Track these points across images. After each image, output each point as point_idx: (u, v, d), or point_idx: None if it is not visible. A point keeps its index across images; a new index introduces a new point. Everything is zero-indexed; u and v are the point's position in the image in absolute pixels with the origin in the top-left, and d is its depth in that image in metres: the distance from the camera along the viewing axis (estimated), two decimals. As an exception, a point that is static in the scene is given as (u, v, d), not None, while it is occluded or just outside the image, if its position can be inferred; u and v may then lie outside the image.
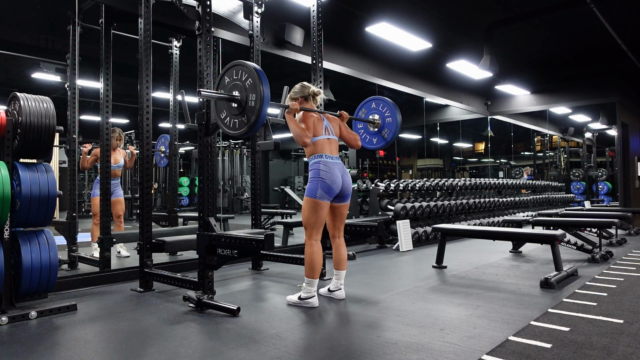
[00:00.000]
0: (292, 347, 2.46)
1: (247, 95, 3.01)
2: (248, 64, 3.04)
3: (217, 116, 3.27)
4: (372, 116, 4.21)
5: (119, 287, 4.01)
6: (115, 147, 5.57)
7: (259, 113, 2.93)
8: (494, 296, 3.54)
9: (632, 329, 2.73)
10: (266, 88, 2.93)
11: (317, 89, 3.58)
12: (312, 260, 3.29)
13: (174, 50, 6.18)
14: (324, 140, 3.41)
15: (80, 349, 2.46)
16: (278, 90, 4.71)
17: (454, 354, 2.33)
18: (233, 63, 3.14)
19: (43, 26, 7.11)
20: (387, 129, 4.12)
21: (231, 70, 3.14)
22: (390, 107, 4.10)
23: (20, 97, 3.03)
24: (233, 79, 3.12)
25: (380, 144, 4.22)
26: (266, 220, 8.27)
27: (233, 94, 3.09)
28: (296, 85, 3.57)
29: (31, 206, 2.99)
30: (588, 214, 6.88)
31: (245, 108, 3.03)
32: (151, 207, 4.02)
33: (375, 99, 4.21)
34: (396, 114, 4.06)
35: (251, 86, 2.99)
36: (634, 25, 7.82)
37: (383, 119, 4.15)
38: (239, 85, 3.06)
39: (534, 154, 15.39)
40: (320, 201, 3.29)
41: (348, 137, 3.69)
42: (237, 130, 3.12)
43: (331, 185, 3.29)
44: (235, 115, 3.12)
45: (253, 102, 2.97)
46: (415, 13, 6.90)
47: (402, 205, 6.57)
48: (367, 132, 4.29)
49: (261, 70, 3.00)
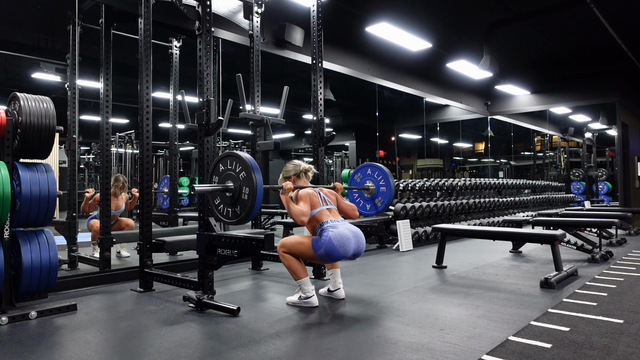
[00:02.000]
0: (292, 347, 2.46)
1: (241, 187, 3.02)
2: (242, 155, 3.03)
3: (211, 201, 3.27)
4: (366, 183, 4.28)
5: (119, 287, 4.01)
6: (118, 195, 5.58)
7: (252, 207, 2.94)
8: (494, 296, 3.54)
9: (632, 329, 2.73)
10: (259, 180, 2.93)
11: (309, 166, 3.61)
12: (291, 265, 3.28)
13: (174, 50, 6.19)
14: (324, 210, 3.37)
15: (80, 349, 2.46)
16: (278, 90, 4.72)
17: (454, 354, 2.33)
18: (227, 153, 3.14)
19: (43, 26, 7.11)
20: (381, 198, 4.20)
21: (225, 159, 3.14)
22: (384, 174, 4.19)
23: (20, 97, 3.03)
24: (227, 168, 3.12)
25: (372, 212, 4.36)
26: (266, 220, 8.27)
27: (227, 184, 3.09)
28: (287, 164, 3.60)
29: (31, 206, 2.99)
30: (588, 214, 6.88)
31: (238, 200, 3.04)
32: (151, 207, 4.02)
33: (371, 166, 4.31)
34: (390, 181, 4.14)
35: (245, 179, 2.99)
36: (634, 25, 7.82)
37: (377, 187, 4.22)
38: (233, 176, 3.07)
39: (534, 154, 15.39)
40: (317, 259, 3.25)
41: (346, 208, 3.62)
42: (230, 219, 3.13)
43: (338, 248, 3.15)
44: (228, 204, 3.13)
45: (246, 195, 2.98)
46: (415, 13, 6.90)
47: (402, 205, 6.57)
48: (361, 197, 4.42)
49: (255, 162, 2.99)
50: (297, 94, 6.29)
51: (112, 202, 5.28)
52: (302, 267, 3.29)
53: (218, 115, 3.47)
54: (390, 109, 11.41)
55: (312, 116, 4.41)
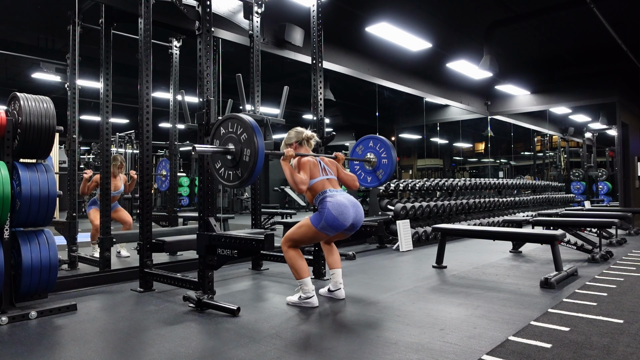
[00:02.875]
0: (292, 347, 2.46)
1: (242, 149, 3.00)
2: (244, 118, 3.02)
3: (212, 165, 3.26)
4: (368, 155, 4.25)
5: (119, 287, 4.01)
6: (117, 174, 5.57)
7: (253, 169, 2.93)
8: (494, 296, 3.54)
9: (632, 329, 2.73)
10: (261, 142, 2.92)
11: (311, 133, 3.58)
12: (294, 264, 3.28)
13: (174, 50, 6.18)
14: (324, 180, 3.37)
15: (80, 349, 2.46)
16: (278, 90, 4.71)
17: (454, 354, 2.33)
18: (229, 116, 3.13)
19: (43, 26, 7.11)
20: (382, 170, 4.17)
21: (227, 122, 3.13)
22: (386, 147, 4.15)
23: (20, 97, 3.03)
24: (228, 131, 3.11)
25: (374, 184, 4.31)
26: (266, 220, 8.27)
27: (228, 147, 3.08)
28: (290, 131, 3.58)
29: (31, 206, 2.99)
30: (588, 214, 6.87)
31: (240, 162, 3.03)
32: (151, 207, 4.02)
33: (373, 138, 4.26)
34: (392, 154, 4.11)
35: (246, 141, 2.98)
36: (634, 25, 7.82)
37: (379, 159, 4.19)
38: (234, 138, 3.06)
39: (534, 154, 15.39)
40: (321, 232, 3.25)
41: (346, 178, 3.61)
42: (231, 182, 3.12)
43: (337, 217, 3.18)
44: (229, 167, 3.12)
45: (247, 157, 2.97)
46: (415, 13, 6.90)
47: (402, 205, 6.57)
48: (362, 169, 4.37)
49: (256, 125, 2.98)
50: (297, 94, 6.28)
51: (111, 183, 5.27)
52: (304, 266, 3.29)
53: (218, 115, 3.47)
54: (390, 108, 11.40)
55: (312, 116, 4.41)
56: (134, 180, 5.81)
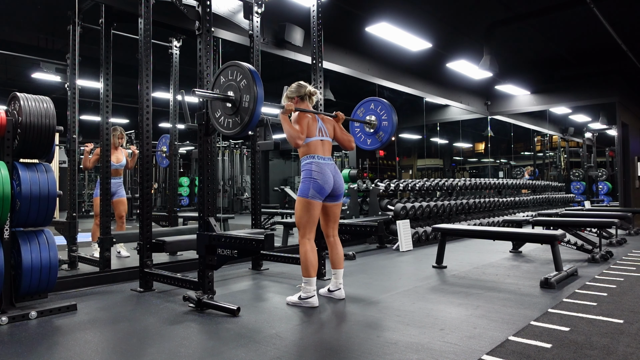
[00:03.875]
0: (292, 347, 2.46)
1: (242, 95, 3.03)
2: (242, 64, 3.05)
3: (212, 115, 3.29)
4: (368, 117, 4.22)
5: (119, 287, 4.01)
6: (117, 145, 5.54)
7: (253, 113, 2.96)
8: (494, 296, 3.54)
9: (632, 329, 2.73)
10: (260, 89, 2.95)
11: (314, 89, 3.57)
12: (307, 259, 3.29)
13: (174, 50, 6.18)
14: (317, 142, 3.40)
15: (80, 349, 2.46)
16: (278, 90, 4.70)
17: (454, 354, 2.33)
18: (228, 63, 3.15)
19: (43, 26, 7.11)
20: (382, 132, 4.15)
21: (226, 70, 3.16)
22: (387, 109, 4.11)
23: (20, 97, 3.03)
24: (228, 79, 3.14)
25: (375, 146, 4.26)
26: (266, 220, 8.27)
27: (228, 94, 3.10)
28: (293, 84, 3.57)
29: (31, 206, 2.99)
30: (588, 214, 6.87)
31: (240, 108, 3.05)
32: (151, 207, 4.02)
33: (375, 100, 4.22)
34: (392, 116, 4.08)
35: (245, 87, 3.01)
36: (634, 25, 7.82)
37: (379, 121, 4.16)
38: (234, 86, 3.08)
39: (534, 154, 15.39)
40: (312, 200, 3.31)
41: (342, 138, 3.67)
42: (231, 129, 3.14)
43: (323, 185, 3.31)
44: (229, 115, 3.14)
45: (247, 102, 2.99)
46: (415, 13, 6.90)
47: (402, 205, 6.57)
48: (362, 132, 4.32)
49: (255, 71, 3.01)
50: (297, 94, 6.28)
51: (112, 155, 5.28)
52: (314, 264, 3.31)
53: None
54: (390, 109, 11.40)
55: (312, 116, 4.40)
56: (135, 155, 5.79)
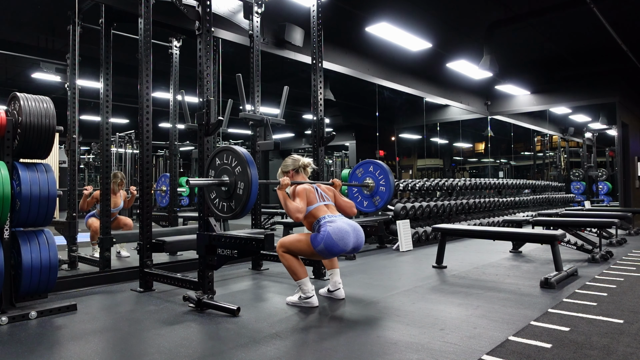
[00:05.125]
0: (292, 347, 2.46)
1: (236, 181, 3.02)
2: (237, 150, 3.03)
3: (207, 195, 3.28)
4: (366, 180, 4.27)
5: (119, 287, 4.01)
6: (117, 192, 5.58)
7: (246, 202, 2.96)
8: (494, 296, 3.54)
9: (632, 329, 2.73)
10: (254, 174, 2.93)
11: (308, 161, 3.58)
12: (291, 265, 3.28)
13: (174, 50, 6.18)
14: (321, 206, 3.34)
15: (80, 349, 2.46)
16: (278, 90, 4.72)
17: (454, 354, 2.33)
18: (223, 147, 3.15)
19: (43, 26, 7.11)
20: (379, 197, 4.21)
21: (222, 153, 3.16)
22: (385, 173, 4.20)
23: (20, 97, 3.03)
24: (223, 162, 3.13)
25: (370, 209, 4.37)
26: (266, 220, 8.27)
27: (222, 179, 3.10)
28: (286, 158, 3.59)
29: (31, 206, 2.99)
30: (588, 214, 6.88)
31: (233, 195, 3.05)
32: (151, 207, 4.02)
33: (374, 163, 4.33)
34: (390, 182, 4.14)
35: (240, 173, 3.00)
36: (634, 25, 7.82)
37: (377, 185, 4.23)
38: (229, 170, 3.08)
39: (534, 154, 15.40)
40: (317, 254, 3.23)
41: (344, 205, 3.57)
42: (225, 213, 3.15)
43: (337, 242, 3.13)
44: (223, 198, 3.14)
45: (241, 190, 2.99)
46: (415, 13, 6.90)
47: (402, 205, 6.57)
48: (360, 193, 4.43)
49: (250, 157, 2.99)
50: (297, 94, 6.29)
51: (111, 200, 5.28)
52: (301, 267, 3.29)
53: (218, 115, 3.47)
54: (390, 109, 11.41)
55: (312, 116, 4.41)
56: (133, 196, 5.80)
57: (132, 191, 5.79)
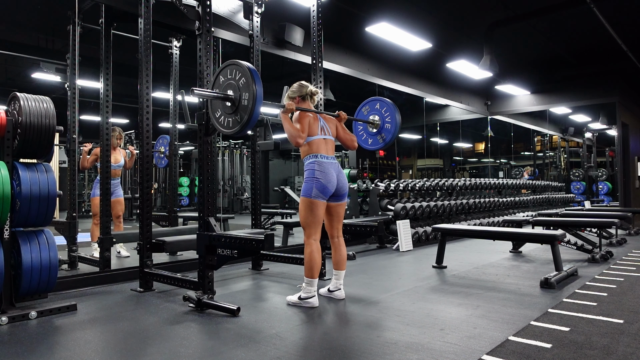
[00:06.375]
0: (292, 347, 2.46)
1: (241, 94, 3.03)
2: (242, 63, 3.04)
3: (212, 115, 3.28)
4: (372, 117, 4.20)
5: (119, 287, 4.01)
6: (116, 146, 5.57)
7: (252, 112, 2.95)
8: (494, 296, 3.54)
9: (632, 329, 2.73)
10: (259, 87, 2.94)
11: (315, 89, 3.56)
12: (311, 260, 3.29)
13: (174, 50, 6.18)
14: (320, 140, 3.39)
15: (80, 349, 2.46)
16: (278, 90, 4.71)
17: (454, 354, 2.33)
18: (228, 62, 3.15)
19: (43, 26, 7.11)
20: (385, 134, 4.13)
21: (226, 69, 3.16)
22: (391, 111, 4.09)
23: (20, 97, 3.03)
24: (227, 78, 3.13)
25: (377, 146, 4.24)
26: (266, 220, 8.27)
27: (227, 93, 3.10)
28: (294, 84, 3.56)
29: (31, 206, 2.99)
30: (588, 214, 6.87)
31: (239, 107, 3.05)
32: (151, 207, 4.02)
33: (380, 100, 4.21)
34: (396, 118, 4.06)
35: (244, 85, 3.00)
36: (634, 25, 7.82)
37: (383, 121, 4.14)
38: (233, 85, 3.08)
39: (534, 154, 15.40)
40: (316, 200, 3.30)
41: (344, 137, 3.65)
42: (230, 128, 3.13)
43: (326, 185, 3.29)
44: (229, 114, 3.13)
45: (246, 101, 2.99)
46: (415, 13, 6.90)
47: (402, 205, 6.57)
48: (365, 131, 4.30)
49: (254, 69, 3.00)
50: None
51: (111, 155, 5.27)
52: (318, 266, 3.31)
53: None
54: (390, 108, 11.38)
55: (312, 116, 4.40)
56: (133, 155, 5.84)
57: (131, 150, 5.80)
